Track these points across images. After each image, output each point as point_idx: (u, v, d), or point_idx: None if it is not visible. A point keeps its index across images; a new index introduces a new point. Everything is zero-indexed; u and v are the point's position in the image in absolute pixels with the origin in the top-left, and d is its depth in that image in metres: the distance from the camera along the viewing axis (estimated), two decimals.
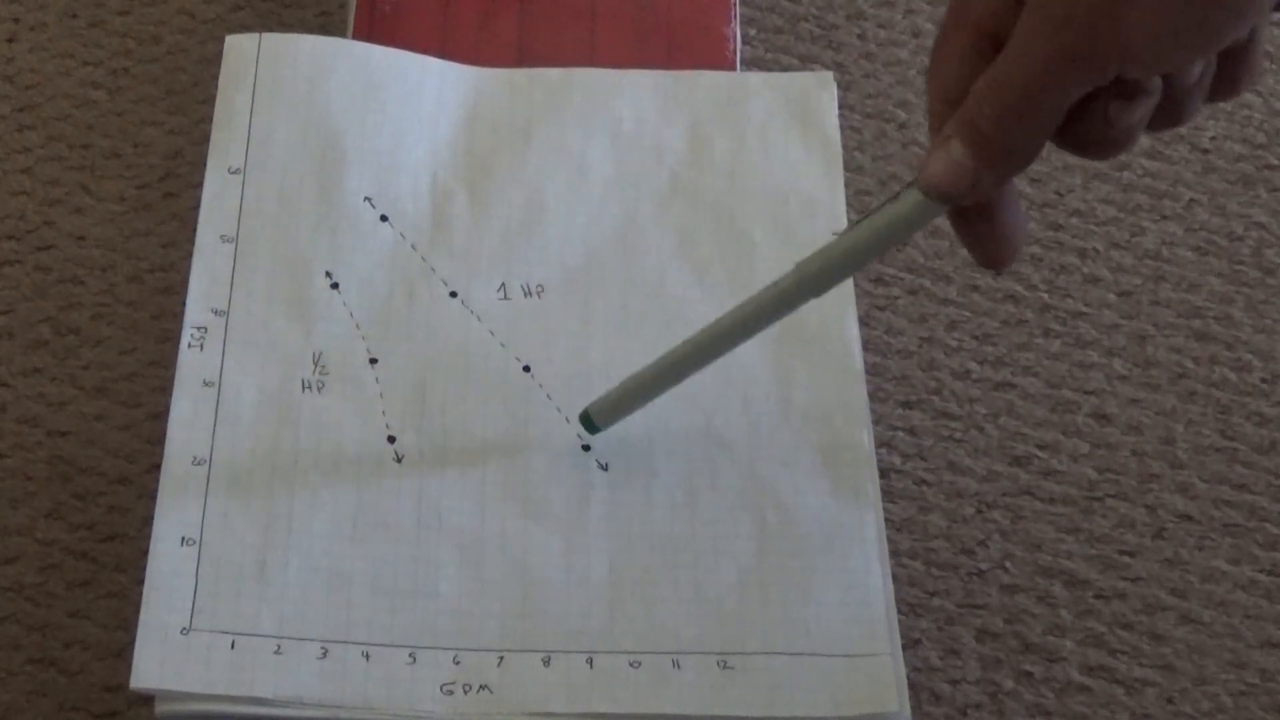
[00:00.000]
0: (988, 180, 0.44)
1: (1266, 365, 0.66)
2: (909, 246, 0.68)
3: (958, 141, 0.43)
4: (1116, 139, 0.43)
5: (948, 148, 0.44)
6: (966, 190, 0.44)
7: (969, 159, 0.43)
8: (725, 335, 0.52)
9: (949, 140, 0.44)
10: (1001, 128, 0.43)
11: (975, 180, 0.44)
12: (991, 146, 0.43)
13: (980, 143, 0.43)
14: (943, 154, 0.44)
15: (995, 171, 0.44)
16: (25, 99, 0.71)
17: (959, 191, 0.44)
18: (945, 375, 0.65)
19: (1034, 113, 0.42)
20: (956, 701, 0.58)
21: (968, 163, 0.43)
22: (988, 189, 0.44)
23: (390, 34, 0.65)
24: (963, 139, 0.43)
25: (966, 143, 0.43)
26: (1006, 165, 0.44)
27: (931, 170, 0.44)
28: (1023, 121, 0.42)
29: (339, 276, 0.59)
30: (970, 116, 0.43)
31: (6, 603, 0.59)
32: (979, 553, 0.61)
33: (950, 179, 0.44)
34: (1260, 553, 0.62)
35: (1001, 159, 0.43)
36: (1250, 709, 0.58)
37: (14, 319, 0.65)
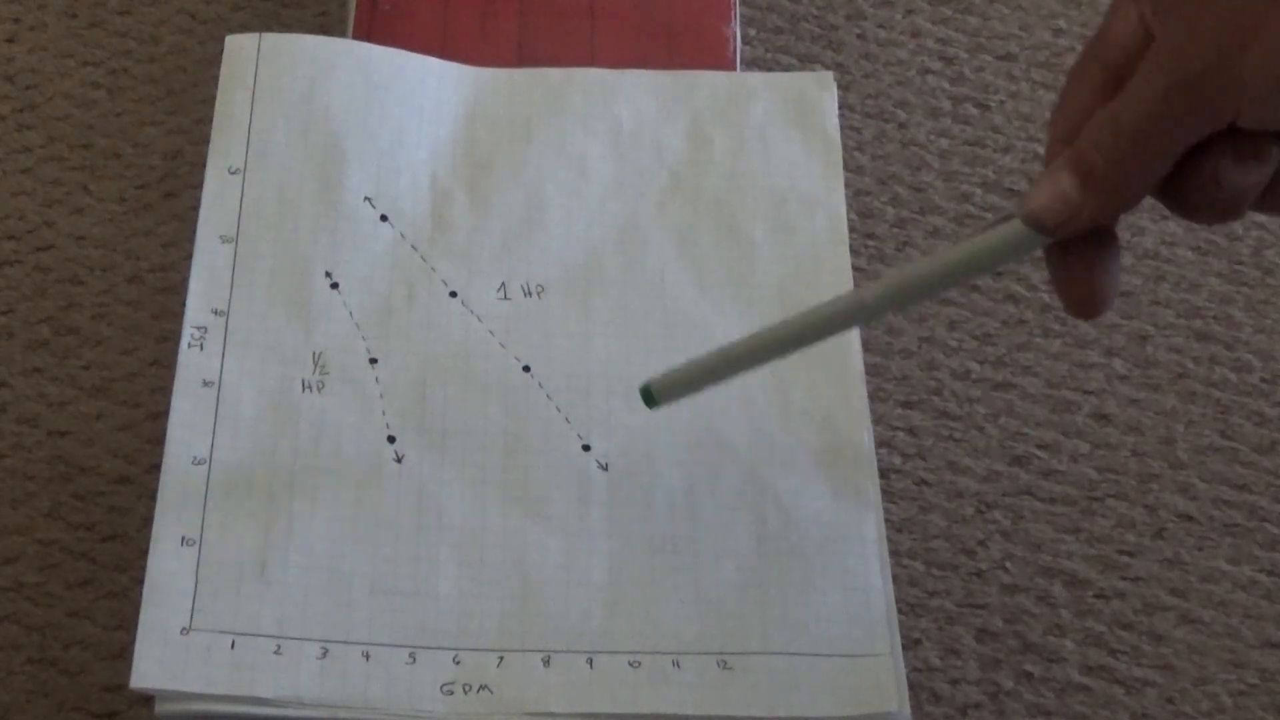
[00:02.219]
0: (1089, 214, 0.43)
1: (1266, 365, 0.66)
2: (909, 246, 0.68)
3: (1066, 172, 0.43)
4: (1224, 202, 0.42)
5: (1056, 178, 0.43)
6: (1066, 222, 0.44)
7: (1075, 191, 0.43)
8: (801, 333, 0.50)
9: (1058, 170, 0.43)
10: (1111, 162, 0.42)
11: (1077, 213, 0.43)
12: (1098, 180, 0.43)
13: (1088, 175, 0.43)
14: (1049, 183, 0.44)
15: (1098, 206, 0.43)
16: (25, 99, 0.71)
17: (1059, 223, 0.44)
18: (945, 375, 0.65)
19: (1145, 150, 0.42)
20: (956, 701, 0.58)
21: (1073, 195, 0.43)
22: (1089, 224, 0.44)
23: (390, 34, 0.65)
24: (1072, 170, 0.43)
25: (1075, 174, 0.43)
26: (1111, 202, 0.43)
27: (1036, 198, 0.44)
28: (1132, 158, 0.42)
29: (339, 276, 0.59)
30: (1082, 149, 0.43)
31: (6, 603, 0.59)
32: (979, 553, 0.61)
33: (1053, 209, 0.44)
34: (1260, 553, 0.62)
35: (1106, 194, 0.43)
36: (1250, 709, 0.58)
37: (14, 319, 0.65)
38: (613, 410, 0.57)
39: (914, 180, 0.70)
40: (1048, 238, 0.44)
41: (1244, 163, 0.41)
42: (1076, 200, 0.43)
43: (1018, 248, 0.45)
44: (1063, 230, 0.44)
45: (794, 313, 0.50)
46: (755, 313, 0.59)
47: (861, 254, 0.68)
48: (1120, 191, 0.43)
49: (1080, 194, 0.43)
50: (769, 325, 0.51)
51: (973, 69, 0.74)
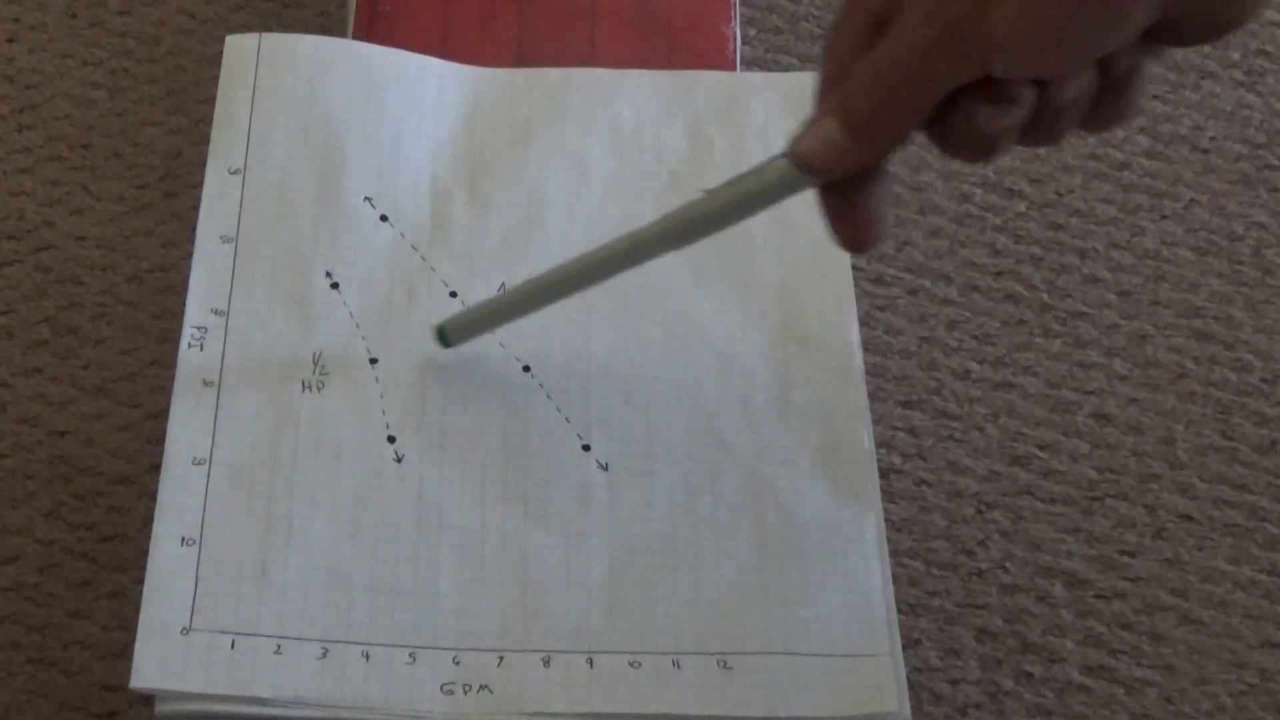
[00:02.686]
0: (854, 158, 0.45)
1: (1266, 365, 0.66)
2: (909, 246, 0.68)
3: (832, 117, 0.45)
4: (983, 144, 0.44)
5: (822, 122, 0.45)
6: (832, 165, 0.45)
7: (840, 135, 0.44)
8: (583, 274, 0.53)
9: (825, 115, 0.45)
10: (872, 109, 0.44)
11: (842, 157, 0.45)
12: (861, 126, 0.44)
13: (852, 121, 0.44)
14: (816, 127, 0.45)
15: (863, 151, 0.45)
16: (25, 99, 0.71)
17: (825, 166, 0.45)
18: (945, 375, 0.65)
19: (904, 98, 0.43)
20: (956, 701, 0.58)
21: (838, 139, 0.45)
22: (854, 167, 0.45)
23: (390, 34, 0.65)
24: (836, 115, 0.44)
25: (839, 119, 0.44)
26: (874, 145, 0.45)
27: (803, 142, 0.45)
28: (893, 105, 0.43)
29: (339, 276, 0.59)
30: (846, 95, 0.44)
31: (6, 603, 0.59)
32: (979, 553, 0.61)
33: (819, 153, 0.45)
34: (1260, 553, 0.62)
35: (870, 139, 0.44)
36: (1250, 709, 0.58)
37: (14, 319, 0.65)
38: (613, 410, 0.57)
39: (914, 180, 0.70)
40: (815, 180, 0.46)
41: (999, 107, 0.43)
42: (842, 144, 0.45)
43: (788, 187, 0.47)
44: (829, 173, 0.46)
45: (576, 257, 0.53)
46: (755, 313, 0.59)
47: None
48: (883, 136, 0.44)
49: (845, 138, 0.44)
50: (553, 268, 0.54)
51: None
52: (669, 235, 0.51)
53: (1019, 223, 0.69)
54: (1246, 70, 0.74)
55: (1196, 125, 0.73)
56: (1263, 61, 0.75)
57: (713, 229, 0.50)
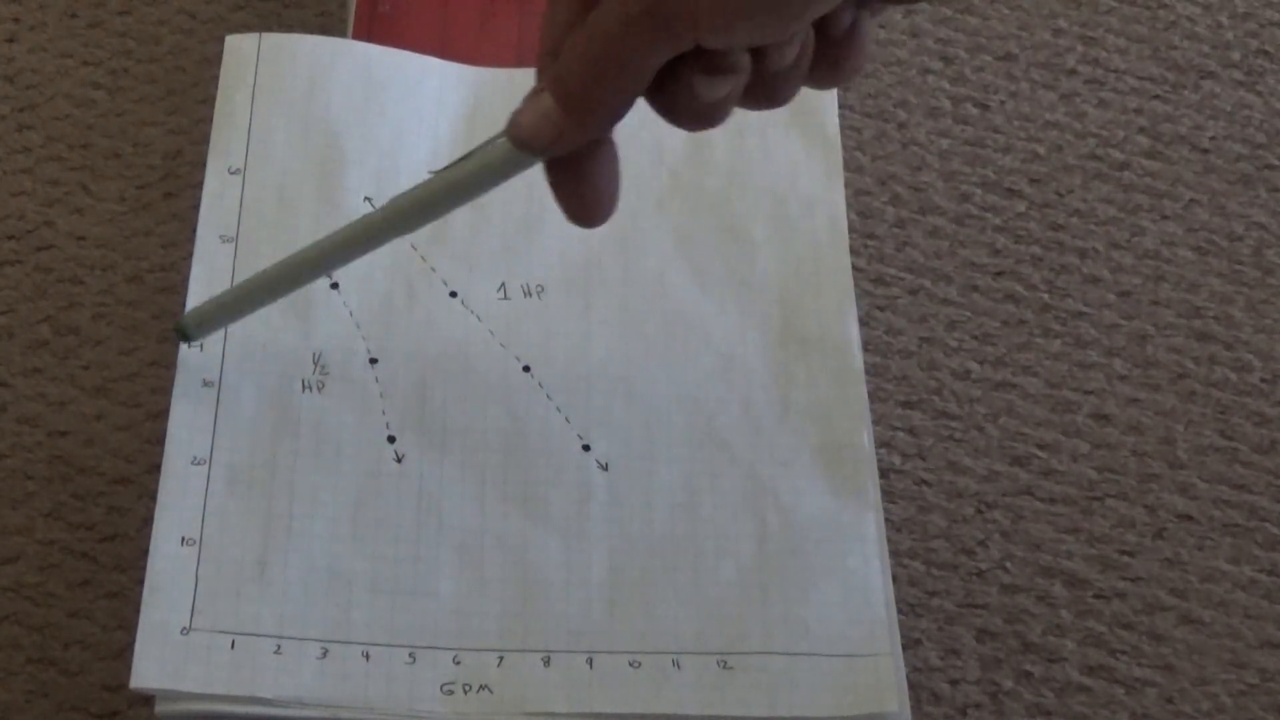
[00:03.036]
0: (573, 135, 0.44)
1: (1266, 365, 0.66)
2: (909, 246, 0.68)
3: (548, 95, 0.44)
4: (704, 112, 0.43)
5: (538, 99, 0.44)
6: (551, 143, 0.44)
7: (556, 113, 0.44)
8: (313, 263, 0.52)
9: (540, 92, 0.44)
10: (586, 85, 0.43)
11: (560, 134, 0.44)
12: (577, 102, 0.43)
13: (567, 98, 0.43)
14: (533, 104, 0.44)
15: (580, 127, 0.44)
16: (25, 99, 0.71)
17: (544, 144, 0.45)
18: (945, 375, 0.65)
19: (616, 73, 0.42)
20: (956, 701, 0.58)
21: (554, 116, 0.44)
22: (573, 143, 0.45)
23: (390, 34, 0.65)
24: (552, 92, 0.44)
25: (555, 97, 0.44)
26: (591, 121, 0.44)
27: (520, 121, 0.45)
28: (606, 80, 0.43)
29: (339, 276, 0.59)
30: (560, 71, 0.44)
31: (6, 603, 0.59)
32: (979, 553, 0.61)
33: (537, 131, 0.44)
34: (1260, 553, 0.62)
35: (586, 115, 0.44)
36: (1250, 709, 0.58)
37: (14, 319, 0.65)
38: (613, 410, 0.57)
39: (914, 180, 0.70)
40: (536, 157, 0.45)
41: (715, 76, 0.42)
42: (558, 122, 0.44)
43: (510, 167, 0.46)
44: (549, 151, 0.45)
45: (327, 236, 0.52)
46: (755, 313, 0.59)
47: (861, 254, 0.68)
48: (598, 110, 0.44)
49: (561, 115, 0.44)
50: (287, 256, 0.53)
51: (973, 69, 0.74)
52: (398, 219, 0.50)
53: (1019, 223, 0.69)
54: (1246, 70, 0.74)
55: (1196, 125, 0.73)
56: (1263, 61, 0.75)
57: (440, 211, 0.49)
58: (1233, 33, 0.75)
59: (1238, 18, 0.76)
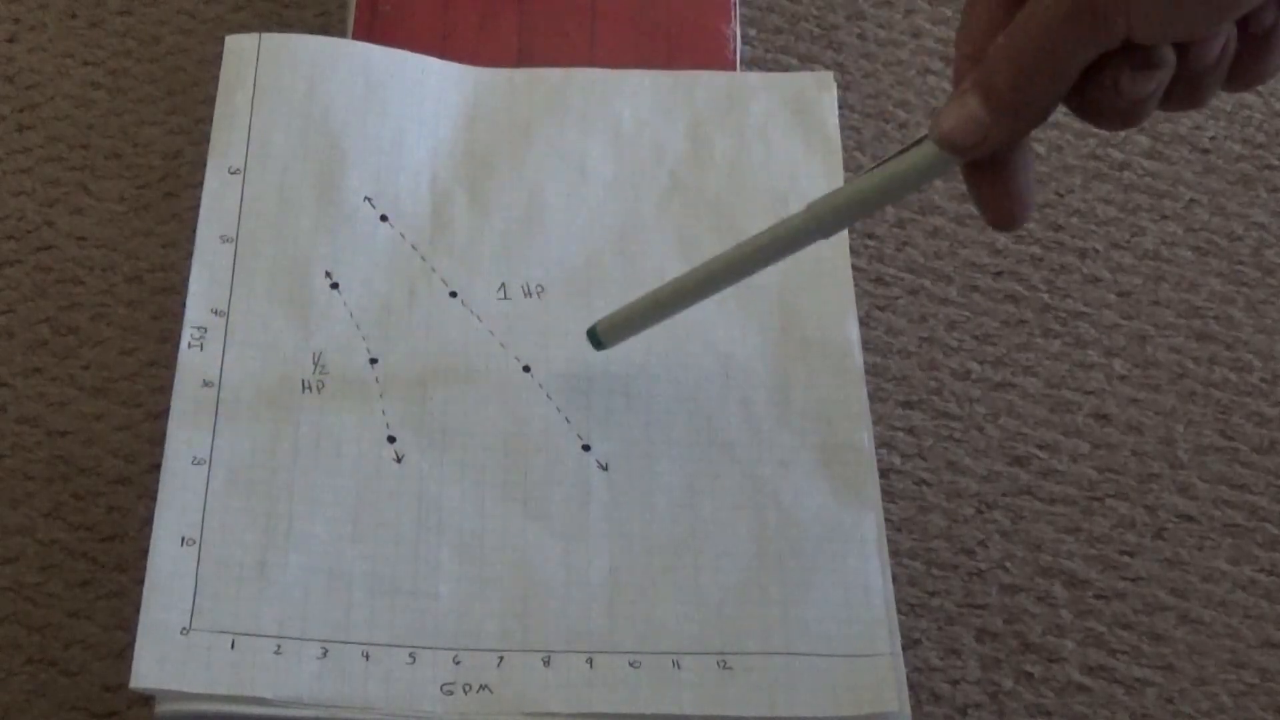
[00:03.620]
0: (998, 135, 0.45)
1: (1266, 365, 0.66)
2: (909, 246, 0.68)
3: (973, 95, 0.44)
4: (1128, 110, 0.44)
5: (963, 101, 0.45)
6: (977, 144, 0.45)
7: (982, 113, 0.44)
8: (734, 267, 0.53)
9: (965, 94, 0.45)
10: (1014, 84, 0.43)
11: (986, 135, 0.45)
12: (1004, 102, 0.44)
13: (993, 97, 0.44)
14: (957, 107, 0.45)
15: (1006, 127, 0.45)
16: (25, 99, 0.71)
17: (970, 144, 0.45)
18: (945, 375, 0.65)
19: (1045, 71, 0.43)
20: (956, 701, 0.58)
21: (981, 116, 0.44)
22: (998, 144, 0.45)
23: (390, 34, 0.65)
24: (977, 93, 0.44)
25: (981, 97, 0.44)
26: (1018, 121, 0.44)
27: (945, 122, 0.45)
28: (1034, 79, 0.43)
29: (339, 276, 0.59)
30: (986, 72, 0.44)
31: (6, 603, 0.59)
32: (979, 553, 0.61)
33: (962, 131, 0.45)
34: (1260, 553, 0.62)
35: (1013, 114, 0.44)
36: (1250, 709, 0.58)
37: (14, 319, 0.65)
38: (613, 410, 0.57)
39: None
40: (960, 159, 0.46)
41: (1141, 71, 0.43)
42: (985, 122, 0.44)
43: (933, 169, 0.47)
44: (974, 151, 0.45)
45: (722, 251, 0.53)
46: (755, 313, 0.59)
47: (861, 254, 0.68)
48: (1025, 111, 0.44)
49: (988, 115, 0.44)
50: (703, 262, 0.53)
51: None
52: (816, 223, 0.50)
53: None
54: None
55: (1196, 125, 0.73)
56: None
57: (860, 215, 0.50)
58: None
59: None
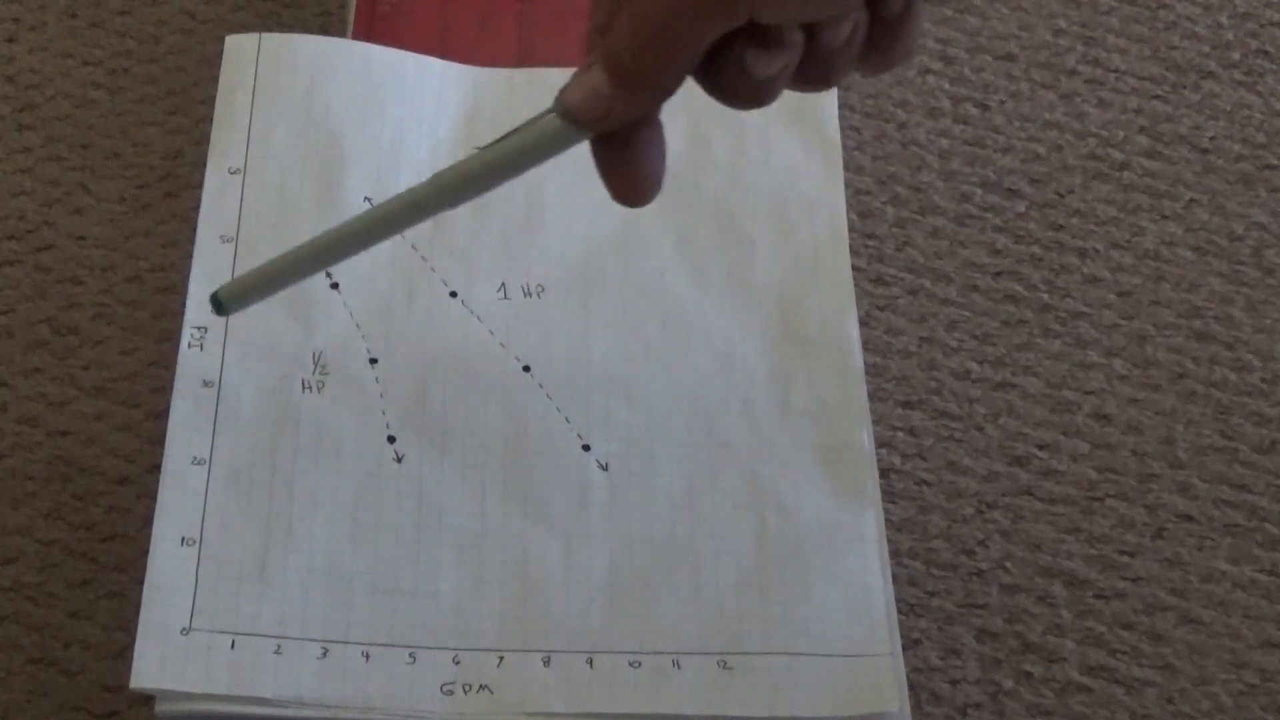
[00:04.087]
0: (622, 109, 0.44)
1: (1266, 365, 0.66)
2: (909, 246, 0.68)
3: (597, 68, 0.44)
4: (756, 89, 0.43)
5: (588, 73, 0.44)
6: (601, 117, 0.44)
7: (606, 86, 0.44)
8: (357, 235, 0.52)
9: (591, 67, 0.44)
10: (638, 56, 0.43)
11: (610, 108, 0.44)
12: (629, 75, 0.43)
13: (619, 70, 0.43)
14: (583, 79, 0.44)
15: (630, 100, 0.44)
16: (25, 99, 0.71)
17: (594, 118, 0.44)
18: (945, 375, 0.65)
19: (669, 46, 0.42)
20: (956, 701, 0.58)
21: (605, 89, 0.44)
22: (623, 118, 0.45)
23: (390, 34, 0.65)
24: (603, 66, 0.44)
25: (606, 70, 0.44)
26: (643, 95, 0.44)
27: (570, 94, 0.45)
28: (658, 53, 0.43)
29: (339, 276, 0.59)
30: (611, 45, 0.43)
31: (6, 603, 0.59)
32: (979, 553, 0.61)
33: (587, 105, 0.44)
34: (1260, 553, 0.62)
35: (638, 88, 0.44)
36: (1250, 709, 0.58)
37: (14, 319, 0.65)
38: (613, 410, 0.57)
39: (914, 180, 0.70)
40: (586, 132, 0.45)
41: (767, 51, 0.42)
42: (609, 95, 0.44)
43: (560, 141, 0.46)
44: (598, 125, 0.45)
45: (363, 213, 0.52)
46: (755, 312, 0.59)
47: (861, 254, 0.68)
48: (649, 85, 0.44)
49: (612, 89, 0.44)
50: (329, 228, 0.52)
51: (973, 69, 0.74)
52: (444, 193, 0.49)
53: (1019, 223, 0.69)
54: (1246, 70, 0.74)
55: (1196, 125, 0.73)
56: (1263, 61, 0.75)
57: (487, 186, 0.49)
58: (1233, 33, 0.75)
59: (1238, 18, 0.76)
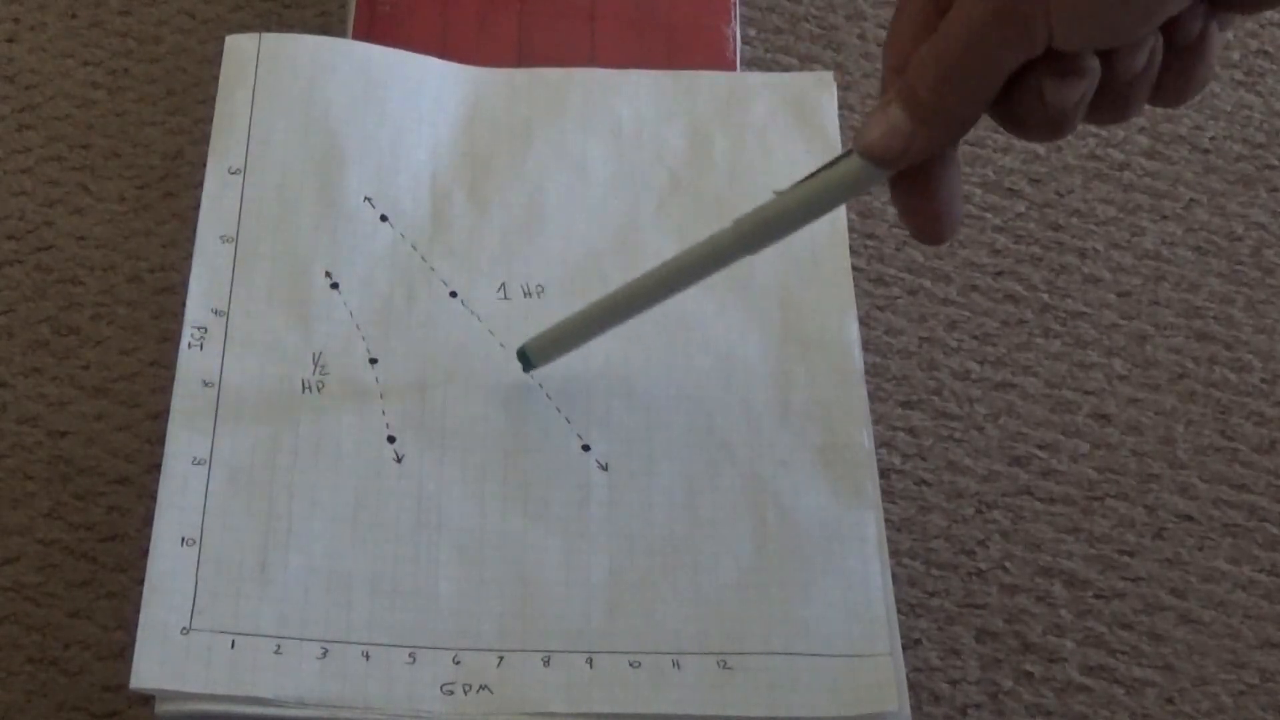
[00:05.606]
0: (923, 145, 0.44)
1: (1266, 365, 0.66)
2: (909, 246, 0.68)
3: (896, 105, 0.44)
4: (1053, 120, 0.43)
5: (887, 111, 0.44)
6: (901, 154, 0.44)
7: (905, 123, 0.44)
8: (662, 284, 0.52)
9: (889, 104, 0.44)
10: (937, 93, 0.43)
11: (910, 144, 0.44)
12: (927, 111, 0.43)
13: (917, 107, 0.43)
14: (881, 117, 0.44)
15: (931, 136, 0.44)
16: (25, 99, 0.71)
17: (894, 155, 0.44)
18: (945, 375, 0.65)
19: (967, 79, 0.42)
20: (956, 701, 0.58)
21: (904, 126, 0.44)
22: (923, 154, 0.44)
23: (390, 34, 0.65)
24: (901, 103, 0.44)
25: (904, 107, 0.44)
26: (942, 131, 0.44)
27: (869, 133, 0.45)
28: (957, 87, 0.43)
29: (339, 276, 0.59)
30: (909, 81, 0.43)
31: (6, 603, 0.59)
32: (979, 553, 0.61)
33: (886, 142, 0.44)
34: (1260, 553, 0.62)
35: (936, 124, 0.44)
36: (1250, 709, 0.58)
37: (14, 319, 0.65)
38: (613, 410, 0.57)
39: None
40: (886, 170, 0.45)
41: (1065, 79, 0.42)
42: (908, 132, 0.44)
43: (861, 182, 0.46)
44: (899, 162, 0.45)
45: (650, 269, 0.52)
46: (755, 312, 0.59)
47: (861, 254, 0.68)
48: (950, 121, 0.44)
49: (911, 126, 0.44)
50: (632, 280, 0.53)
51: None
52: (744, 239, 0.49)
53: (1019, 223, 0.69)
54: (1246, 70, 0.74)
55: (1196, 125, 0.73)
56: (1263, 61, 0.75)
57: (787, 231, 0.49)
58: (1233, 33, 0.75)
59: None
